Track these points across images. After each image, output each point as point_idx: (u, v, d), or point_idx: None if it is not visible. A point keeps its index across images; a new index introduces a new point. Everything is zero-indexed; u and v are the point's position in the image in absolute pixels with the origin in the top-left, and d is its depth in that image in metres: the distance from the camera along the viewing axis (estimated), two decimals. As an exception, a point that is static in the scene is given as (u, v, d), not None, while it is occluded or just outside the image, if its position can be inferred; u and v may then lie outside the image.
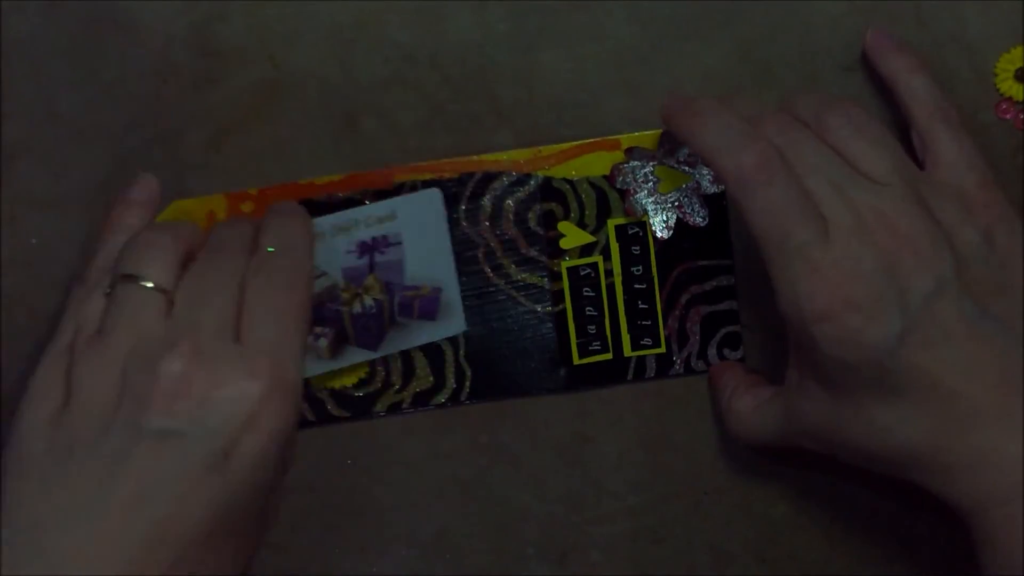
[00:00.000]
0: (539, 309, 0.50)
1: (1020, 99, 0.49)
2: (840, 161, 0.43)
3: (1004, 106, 0.49)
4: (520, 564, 0.50)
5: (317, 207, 0.48)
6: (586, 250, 0.50)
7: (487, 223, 0.49)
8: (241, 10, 0.48)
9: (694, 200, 0.49)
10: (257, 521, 0.41)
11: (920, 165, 0.45)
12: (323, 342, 0.48)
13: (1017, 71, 0.49)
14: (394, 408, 0.50)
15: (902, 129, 0.46)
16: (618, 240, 0.49)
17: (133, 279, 0.41)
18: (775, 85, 0.49)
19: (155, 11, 0.48)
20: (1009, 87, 0.49)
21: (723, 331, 0.50)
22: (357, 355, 0.48)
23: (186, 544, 0.38)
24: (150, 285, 0.41)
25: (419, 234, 0.48)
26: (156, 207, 0.46)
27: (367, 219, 0.48)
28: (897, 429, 0.41)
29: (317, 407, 0.50)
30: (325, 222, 0.48)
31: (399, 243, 0.48)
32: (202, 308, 0.40)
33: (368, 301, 0.48)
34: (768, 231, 0.42)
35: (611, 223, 0.49)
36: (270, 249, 0.43)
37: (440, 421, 0.50)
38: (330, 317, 0.48)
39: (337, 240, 0.48)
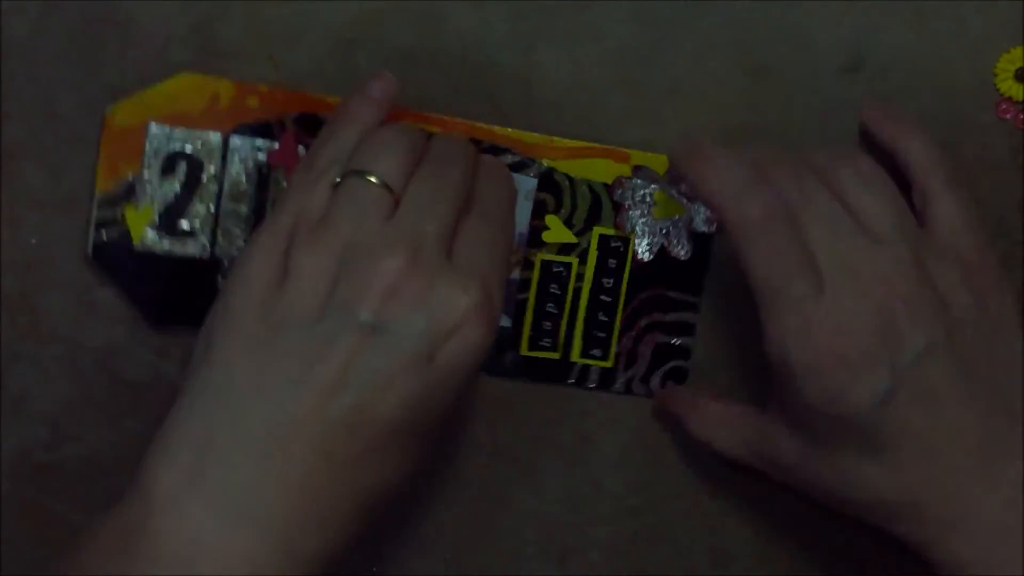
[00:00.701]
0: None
1: (1020, 99, 0.49)
2: (844, 214, 0.43)
3: (1004, 106, 0.49)
4: (520, 564, 0.50)
5: None
6: (565, 249, 0.49)
7: None
8: (241, 10, 0.48)
9: (683, 233, 0.49)
10: (436, 432, 0.42)
11: (919, 219, 0.45)
12: None
13: (1017, 71, 0.49)
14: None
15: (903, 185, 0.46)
16: (599, 249, 0.49)
17: (365, 175, 0.41)
18: (775, 85, 0.49)
19: (154, 11, 0.48)
20: (1009, 87, 0.49)
21: (672, 363, 0.50)
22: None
23: (375, 434, 0.39)
24: (380, 184, 0.41)
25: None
26: (390, 106, 0.45)
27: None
28: (875, 481, 0.42)
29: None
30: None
31: None
32: (426, 217, 0.41)
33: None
34: (764, 280, 0.42)
35: (597, 231, 0.49)
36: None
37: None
38: None
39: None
